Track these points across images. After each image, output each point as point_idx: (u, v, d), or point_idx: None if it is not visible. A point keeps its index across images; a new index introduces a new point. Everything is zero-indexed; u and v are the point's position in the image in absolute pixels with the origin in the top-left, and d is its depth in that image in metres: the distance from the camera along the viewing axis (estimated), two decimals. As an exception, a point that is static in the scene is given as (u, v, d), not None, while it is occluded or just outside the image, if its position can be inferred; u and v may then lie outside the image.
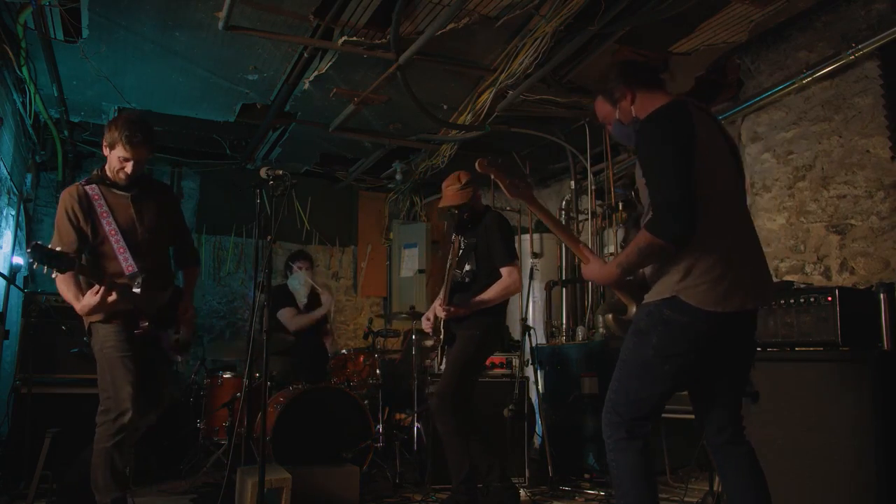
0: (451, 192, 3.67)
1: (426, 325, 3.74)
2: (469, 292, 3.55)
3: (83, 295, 2.82)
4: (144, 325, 2.92)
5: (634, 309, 2.33)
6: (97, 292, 2.76)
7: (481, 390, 4.30)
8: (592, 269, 2.32)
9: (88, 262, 2.94)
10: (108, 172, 3.00)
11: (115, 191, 2.99)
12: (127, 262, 2.90)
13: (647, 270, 2.27)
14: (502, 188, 2.41)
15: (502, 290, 3.50)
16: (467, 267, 3.60)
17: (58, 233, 2.92)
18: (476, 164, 2.43)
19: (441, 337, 3.63)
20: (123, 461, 2.81)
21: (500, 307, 3.60)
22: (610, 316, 2.40)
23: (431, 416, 3.48)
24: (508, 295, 3.55)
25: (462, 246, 3.65)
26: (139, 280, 2.88)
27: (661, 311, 2.14)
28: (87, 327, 2.96)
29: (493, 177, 2.40)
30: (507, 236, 3.60)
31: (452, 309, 3.48)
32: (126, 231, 2.95)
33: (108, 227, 2.92)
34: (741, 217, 2.27)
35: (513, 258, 3.55)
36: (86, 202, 2.93)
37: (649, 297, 2.21)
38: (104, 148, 2.98)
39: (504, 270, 3.52)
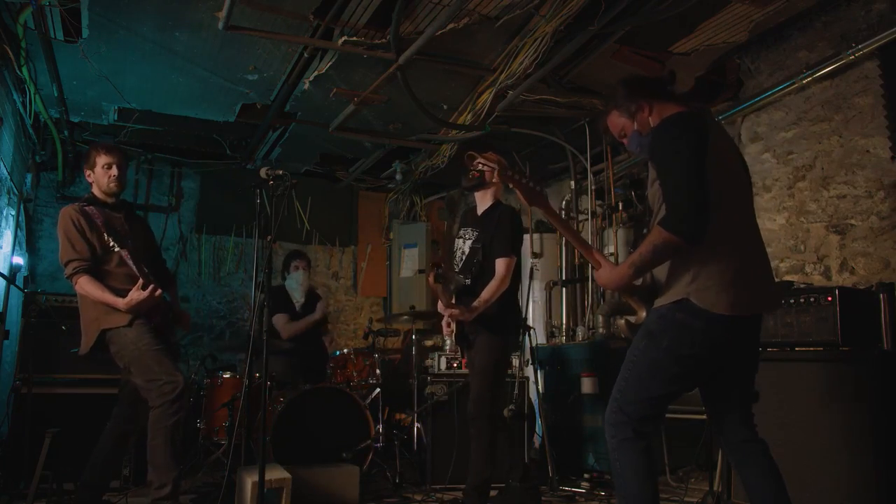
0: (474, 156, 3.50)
1: (447, 331, 3.65)
2: (475, 290, 3.47)
3: (112, 294, 3.08)
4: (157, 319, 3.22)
5: (644, 313, 2.36)
6: (142, 288, 3.04)
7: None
8: (604, 274, 2.32)
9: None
10: (97, 194, 3.33)
11: (107, 210, 3.30)
12: (137, 268, 3.16)
13: (658, 275, 2.30)
14: (518, 194, 2.41)
15: (496, 286, 3.42)
16: (475, 260, 3.55)
17: (70, 244, 3.15)
18: (495, 174, 2.44)
19: (453, 334, 3.61)
20: (181, 439, 3.05)
21: (510, 302, 3.54)
22: (623, 322, 2.43)
23: (468, 420, 3.45)
24: (501, 289, 3.44)
25: (465, 240, 3.62)
26: (152, 284, 3.12)
27: (673, 314, 2.18)
28: (102, 337, 3.12)
29: (511, 185, 2.42)
30: (516, 231, 3.53)
31: (458, 311, 3.41)
32: (118, 241, 3.19)
33: (104, 236, 3.17)
34: (750, 224, 2.31)
35: (511, 252, 3.47)
36: (87, 217, 3.20)
37: (660, 302, 2.25)
38: (88, 175, 3.34)
39: (499, 261, 3.45)
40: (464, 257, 3.64)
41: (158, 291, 3.10)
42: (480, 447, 3.38)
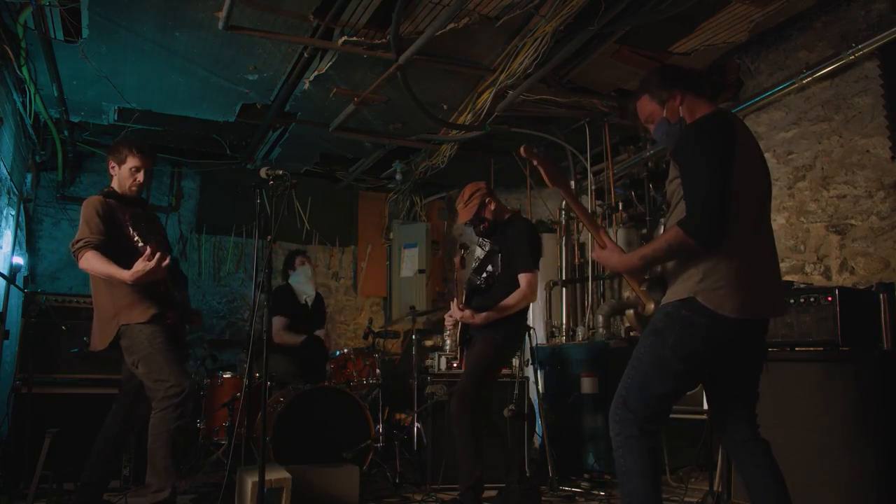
0: (460, 209, 3.70)
1: (448, 322, 3.76)
2: (487, 296, 3.54)
3: (119, 267, 3.02)
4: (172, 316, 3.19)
5: (652, 306, 2.38)
6: (148, 257, 2.96)
7: (481, 390, 4.32)
8: (610, 256, 2.36)
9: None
10: (117, 189, 3.31)
11: (125, 205, 3.28)
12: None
13: (668, 267, 2.32)
14: (543, 175, 2.46)
15: (518, 299, 3.49)
16: (489, 268, 3.59)
17: (87, 225, 3.14)
18: (521, 150, 2.51)
19: (457, 335, 3.65)
20: (182, 444, 3.07)
21: (521, 311, 3.59)
22: (631, 312, 2.45)
23: (449, 418, 3.49)
24: (524, 304, 3.53)
25: (484, 250, 3.68)
26: (159, 253, 3.06)
27: (679, 311, 2.19)
28: (116, 331, 3.10)
29: (535, 163, 2.46)
30: (533, 244, 3.58)
31: (468, 313, 3.46)
32: (143, 237, 3.15)
33: (129, 230, 3.14)
34: (764, 229, 2.32)
35: (532, 266, 3.53)
36: (109, 207, 3.21)
37: (668, 298, 2.26)
38: (112, 168, 3.34)
39: (522, 277, 3.51)
40: (478, 260, 3.70)
41: (166, 260, 3.00)
42: (466, 447, 3.38)
